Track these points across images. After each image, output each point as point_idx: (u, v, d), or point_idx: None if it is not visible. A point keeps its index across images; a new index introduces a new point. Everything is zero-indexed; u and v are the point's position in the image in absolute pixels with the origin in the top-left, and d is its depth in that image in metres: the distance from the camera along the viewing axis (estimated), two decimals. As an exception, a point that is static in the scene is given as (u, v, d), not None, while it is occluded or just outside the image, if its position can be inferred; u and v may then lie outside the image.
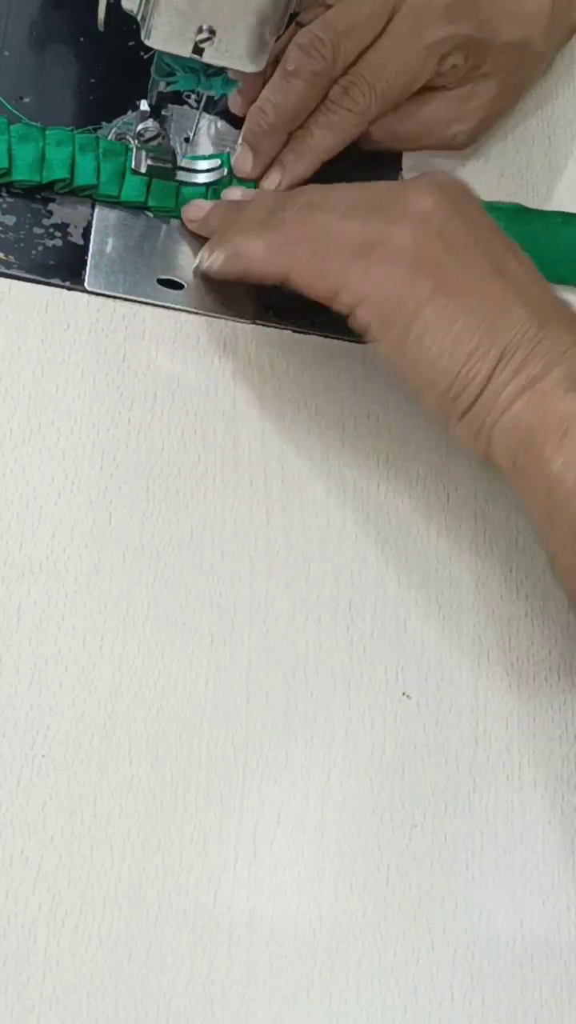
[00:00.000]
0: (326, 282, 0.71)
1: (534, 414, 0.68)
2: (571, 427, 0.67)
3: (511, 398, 0.69)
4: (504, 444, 0.69)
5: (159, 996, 0.63)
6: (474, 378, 0.69)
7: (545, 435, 0.68)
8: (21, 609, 0.69)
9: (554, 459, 0.67)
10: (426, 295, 0.69)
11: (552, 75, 0.91)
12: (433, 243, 0.70)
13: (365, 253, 0.70)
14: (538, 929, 0.67)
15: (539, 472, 0.68)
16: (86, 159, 0.79)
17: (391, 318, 0.70)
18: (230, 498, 0.74)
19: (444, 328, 0.69)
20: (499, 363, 0.69)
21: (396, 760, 0.69)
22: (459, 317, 0.69)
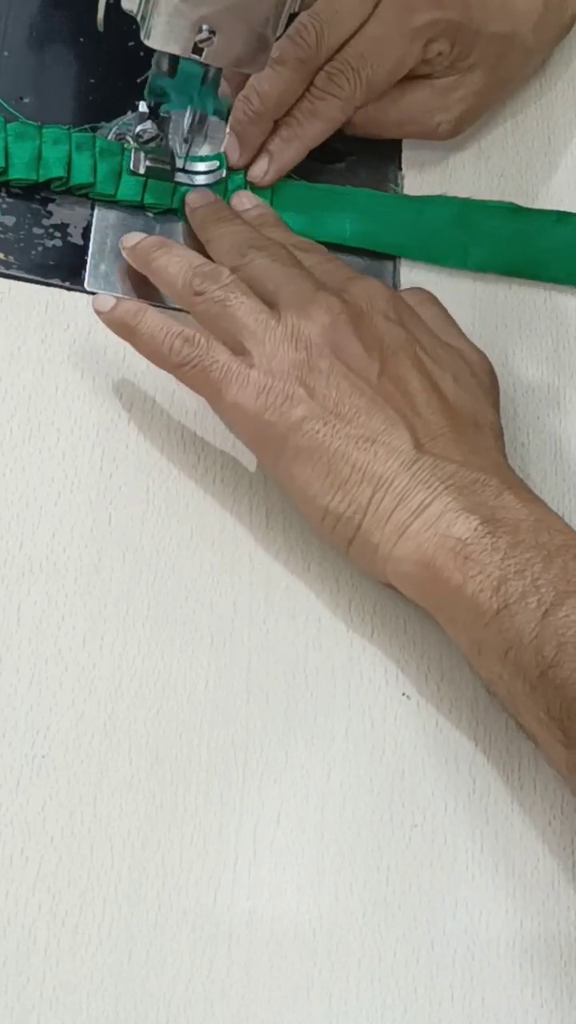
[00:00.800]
0: (204, 391, 0.72)
1: (428, 545, 0.67)
2: (473, 553, 0.65)
3: (398, 531, 0.68)
4: (405, 577, 0.69)
5: (159, 996, 0.63)
6: (347, 508, 0.68)
7: (447, 564, 0.66)
8: (21, 609, 0.69)
9: (466, 587, 0.66)
10: (297, 419, 0.69)
11: (551, 75, 0.91)
12: (314, 365, 0.69)
13: (246, 365, 0.70)
14: (538, 929, 0.67)
15: (454, 603, 0.67)
16: (83, 157, 0.79)
17: (261, 441, 0.71)
18: (230, 498, 0.74)
19: (314, 456, 0.69)
20: (374, 496, 0.68)
21: (396, 760, 0.69)
22: (331, 446, 0.68)
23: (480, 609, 0.65)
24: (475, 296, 0.82)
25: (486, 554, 0.65)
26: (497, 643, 0.65)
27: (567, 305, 0.83)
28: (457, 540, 0.66)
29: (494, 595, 0.65)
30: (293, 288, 0.72)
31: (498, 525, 0.66)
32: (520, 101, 0.90)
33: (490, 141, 0.88)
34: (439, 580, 0.66)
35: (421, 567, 0.67)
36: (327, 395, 0.69)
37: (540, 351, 0.82)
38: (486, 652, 0.66)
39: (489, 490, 0.67)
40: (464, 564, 0.66)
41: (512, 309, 0.82)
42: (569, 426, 0.79)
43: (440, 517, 0.67)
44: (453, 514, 0.67)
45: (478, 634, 0.66)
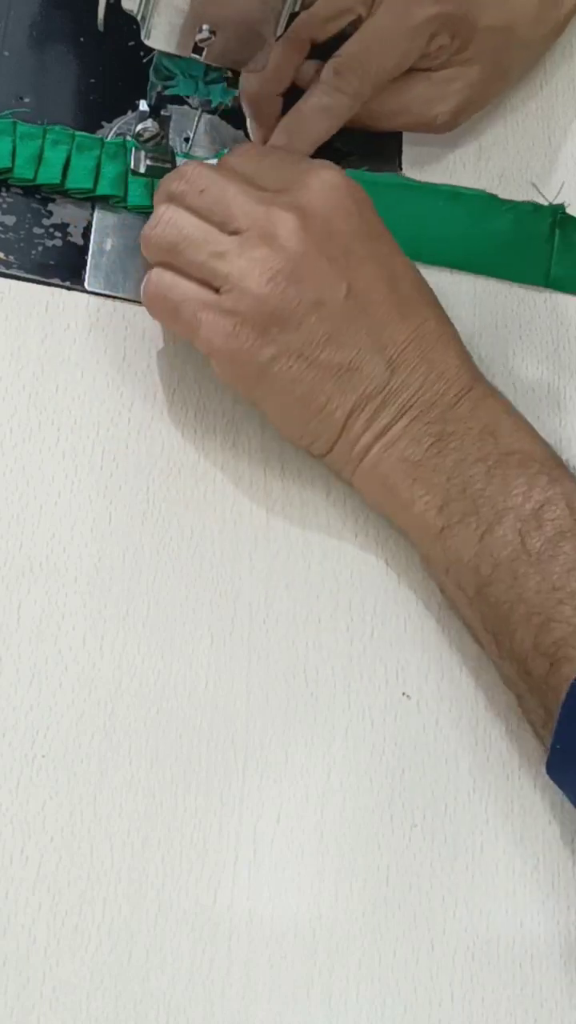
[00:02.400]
0: (181, 329, 0.72)
1: (386, 463, 0.71)
2: (421, 474, 0.69)
3: (365, 448, 0.71)
4: (366, 489, 0.73)
5: (159, 996, 0.63)
6: (322, 434, 0.72)
7: (400, 483, 0.70)
8: (21, 609, 0.69)
9: (413, 505, 0.70)
10: (270, 355, 0.70)
11: (551, 75, 0.91)
12: (284, 295, 0.69)
13: (215, 300, 0.70)
14: (538, 929, 0.67)
15: (405, 517, 0.71)
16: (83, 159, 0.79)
17: (237, 376, 0.71)
18: (230, 498, 0.74)
19: (289, 389, 0.70)
20: (348, 420, 0.71)
21: (396, 760, 0.69)
22: (307, 376, 0.70)
23: (427, 527, 0.70)
24: (475, 296, 0.82)
25: (433, 475, 0.69)
26: (441, 559, 0.70)
27: (567, 305, 0.83)
28: (410, 462, 0.70)
29: (438, 515, 0.69)
30: (245, 209, 0.71)
31: (448, 441, 0.70)
32: (520, 101, 0.90)
33: (490, 141, 0.88)
34: (394, 497, 0.71)
35: (379, 485, 0.71)
36: (298, 327, 0.69)
37: (540, 351, 0.82)
38: (433, 565, 0.71)
39: (447, 399, 0.70)
40: (413, 485, 0.70)
41: (512, 309, 0.82)
42: (569, 426, 0.79)
43: (399, 439, 0.70)
44: (410, 436, 0.70)
45: (425, 549, 0.71)
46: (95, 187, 0.79)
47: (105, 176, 0.79)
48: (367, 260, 0.71)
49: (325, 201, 0.71)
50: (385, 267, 0.72)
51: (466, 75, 0.83)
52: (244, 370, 0.70)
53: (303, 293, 0.70)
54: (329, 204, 0.71)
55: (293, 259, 0.70)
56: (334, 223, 0.71)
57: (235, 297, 0.69)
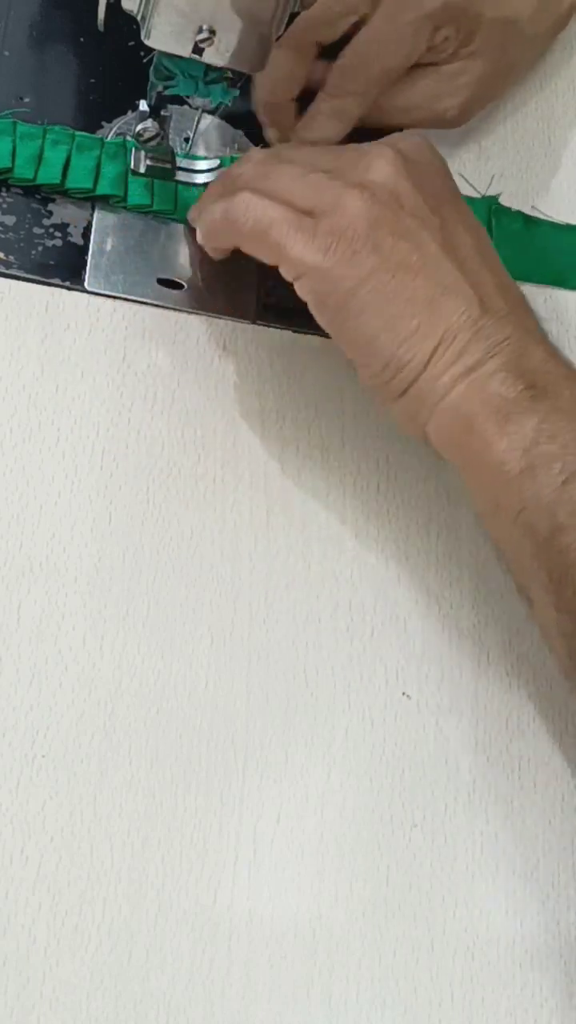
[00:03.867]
0: (268, 253, 0.71)
1: (474, 400, 0.68)
2: (512, 412, 0.67)
3: (449, 384, 0.68)
4: (443, 430, 0.69)
5: (159, 996, 0.63)
6: (410, 361, 0.69)
7: (486, 420, 0.67)
8: (21, 609, 0.69)
9: (496, 443, 0.67)
10: (366, 272, 0.68)
11: (552, 75, 0.91)
12: (381, 217, 0.69)
13: (309, 224, 0.69)
14: (538, 929, 0.67)
15: (482, 458, 0.68)
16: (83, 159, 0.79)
17: (328, 295, 0.70)
18: (230, 498, 0.74)
19: (382, 309, 0.69)
20: (438, 348, 0.69)
21: (396, 760, 0.69)
22: (399, 298, 0.69)
23: (506, 467, 0.67)
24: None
25: (525, 416, 0.67)
26: (514, 502, 0.67)
27: (567, 305, 0.83)
28: (502, 399, 0.67)
29: (523, 455, 0.67)
30: (336, 152, 0.72)
31: (542, 391, 0.68)
32: (520, 100, 0.90)
33: (490, 141, 0.88)
34: (475, 434, 0.68)
35: (461, 420, 0.68)
36: (394, 247, 0.69)
37: (540, 351, 0.81)
38: (502, 510, 0.68)
39: (537, 355, 0.69)
40: (502, 421, 0.67)
41: (512, 309, 0.82)
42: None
43: (491, 376, 0.68)
44: (503, 374, 0.68)
45: (498, 491, 0.68)
46: (95, 187, 0.79)
47: (105, 176, 0.79)
48: (456, 207, 0.72)
49: (418, 150, 0.72)
50: (472, 227, 0.72)
51: (473, 68, 0.83)
52: (337, 286, 0.69)
53: (400, 217, 0.69)
54: (421, 154, 0.72)
55: (391, 184, 0.70)
56: (426, 168, 0.72)
57: (330, 218, 0.69)
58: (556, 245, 0.85)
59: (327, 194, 0.70)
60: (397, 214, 0.69)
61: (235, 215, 0.71)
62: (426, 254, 0.69)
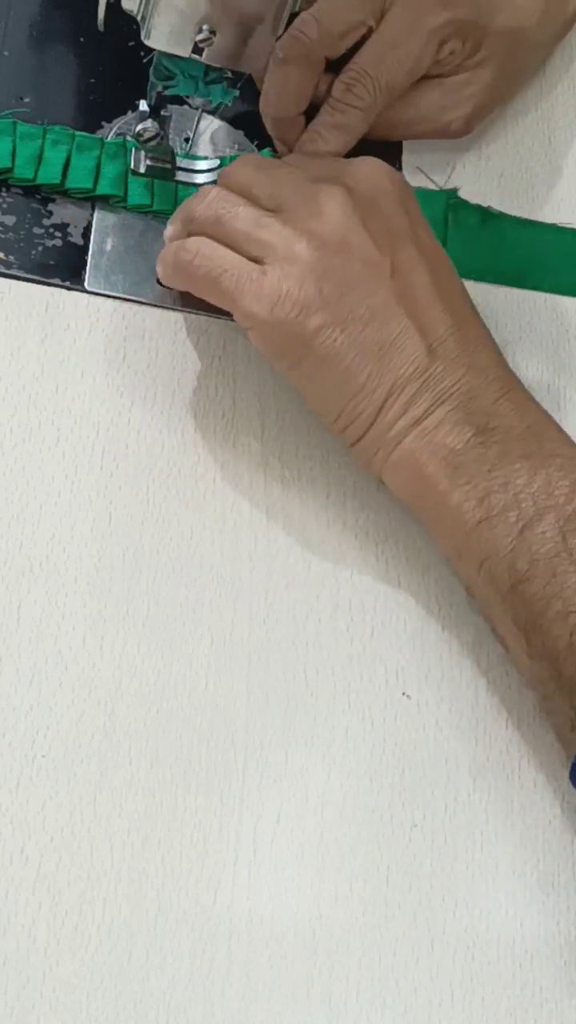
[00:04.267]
0: (221, 300, 0.71)
1: (423, 452, 0.69)
2: (462, 463, 0.68)
3: (399, 435, 0.70)
4: (397, 480, 0.71)
5: (159, 996, 0.63)
6: (360, 414, 0.70)
7: (436, 471, 0.69)
8: (21, 609, 0.69)
9: (450, 496, 0.68)
10: (313, 329, 0.69)
11: (551, 75, 0.91)
12: (328, 269, 0.69)
13: (258, 276, 0.69)
14: (538, 929, 0.67)
15: (438, 510, 0.69)
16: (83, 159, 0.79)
17: (278, 348, 0.70)
18: (230, 498, 0.74)
19: (331, 364, 0.69)
20: (386, 401, 0.70)
21: (396, 760, 0.69)
22: (348, 353, 0.69)
23: (463, 518, 0.68)
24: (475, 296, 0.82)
25: (475, 465, 0.68)
26: (475, 552, 0.68)
27: (567, 305, 0.83)
28: (450, 450, 0.68)
29: (478, 506, 0.68)
30: (291, 187, 0.72)
31: (491, 435, 0.68)
32: (521, 102, 0.90)
33: (490, 142, 0.88)
34: (428, 486, 0.69)
35: (414, 472, 0.69)
36: (341, 300, 0.69)
37: (540, 351, 0.81)
38: (465, 559, 0.69)
39: (488, 395, 0.70)
40: (453, 473, 0.68)
41: (512, 309, 0.82)
42: (569, 426, 0.78)
43: (438, 426, 0.69)
44: (450, 424, 0.69)
45: (459, 541, 0.69)
46: (95, 187, 0.79)
47: (105, 176, 0.79)
48: (410, 243, 0.71)
49: (371, 184, 0.72)
50: (426, 256, 0.72)
51: (479, 79, 0.83)
52: (287, 342, 0.70)
53: (349, 265, 0.69)
54: (375, 187, 0.72)
55: (340, 231, 0.70)
56: (379, 203, 0.71)
57: (280, 267, 0.69)
58: (516, 241, 0.84)
59: (277, 244, 0.69)
60: (346, 263, 0.69)
61: (185, 260, 0.71)
62: (374, 305, 0.69)
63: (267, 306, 0.69)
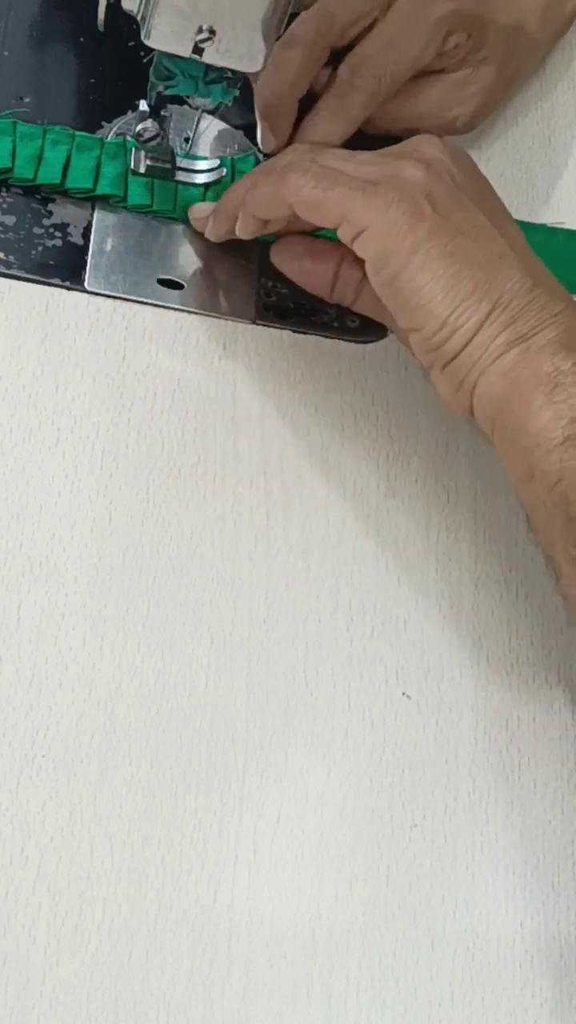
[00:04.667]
0: (329, 212, 0.71)
1: (523, 368, 0.68)
2: (562, 382, 0.67)
3: (501, 350, 0.68)
4: (488, 395, 0.69)
5: (159, 996, 0.63)
6: (463, 324, 0.69)
7: (534, 388, 0.67)
8: (21, 609, 0.69)
9: (542, 411, 0.67)
10: (427, 232, 0.69)
11: (551, 75, 0.91)
12: (441, 183, 0.71)
13: (371, 186, 0.70)
14: (538, 929, 0.67)
15: (524, 425, 0.68)
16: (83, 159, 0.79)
17: (388, 253, 0.70)
18: (230, 498, 0.74)
19: (440, 269, 0.69)
20: (491, 313, 0.69)
21: (396, 760, 0.69)
22: (457, 260, 0.69)
23: (548, 435, 0.67)
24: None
25: (575, 387, 0.67)
26: (551, 471, 0.67)
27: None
28: (556, 369, 0.67)
29: (569, 425, 0.66)
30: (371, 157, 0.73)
31: None
32: (521, 102, 0.90)
33: (491, 142, 0.88)
34: (521, 400, 0.68)
35: (509, 385, 0.68)
36: (451, 212, 0.70)
37: (540, 351, 0.81)
38: (538, 478, 0.67)
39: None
40: (551, 390, 0.67)
41: (512, 309, 0.82)
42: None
43: (543, 348, 0.68)
44: (552, 348, 0.68)
45: (536, 459, 0.67)
46: (95, 187, 0.79)
47: (105, 176, 0.79)
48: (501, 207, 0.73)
49: (458, 152, 0.74)
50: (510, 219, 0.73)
51: (482, 77, 0.83)
52: (399, 244, 0.69)
53: (452, 190, 0.71)
54: (462, 156, 0.74)
55: (444, 163, 0.72)
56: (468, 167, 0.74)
57: (391, 183, 0.70)
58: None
59: (385, 166, 0.71)
60: (452, 187, 0.71)
61: (294, 183, 0.71)
62: (480, 224, 0.70)
63: (381, 210, 0.69)
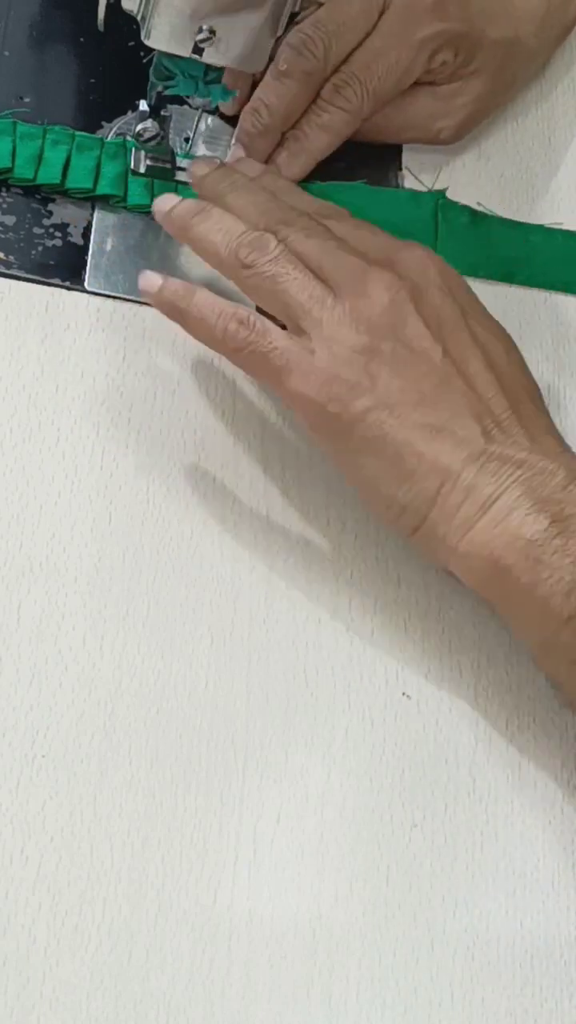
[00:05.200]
0: (262, 374, 0.69)
1: (497, 543, 0.65)
2: (542, 556, 0.64)
3: (466, 525, 0.66)
4: (471, 572, 0.67)
5: (159, 996, 0.63)
6: (412, 501, 0.67)
7: (516, 565, 0.64)
8: (21, 609, 0.69)
9: (535, 589, 0.64)
10: (361, 411, 0.67)
11: (551, 76, 0.91)
12: (378, 350, 0.67)
13: (307, 351, 0.67)
14: (538, 929, 0.67)
15: (522, 604, 0.65)
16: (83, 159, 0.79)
17: (326, 430, 0.68)
18: (230, 498, 0.74)
19: (379, 450, 0.67)
20: (442, 486, 0.66)
21: (396, 760, 0.69)
22: (396, 437, 0.66)
23: (551, 613, 0.64)
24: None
25: (557, 557, 0.64)
26: (569, 647, 0.64)
27: (567, 305, 0.83)
28: (527, 541, 0.64)
29: (565, 601, 0.64)
30: (342, 264, 0.69)
31: (568, 523, 0.64)
32: (521, 103, 0.90)
33: (490, 142, 0.88)
34: (508, 579, 0.65)
35: (489, 564, 0.65)
36: (391, 382, 0.67)
37: (540, 351, 0.82)
38: (555, 654, 0.66)
39: (556, 480, 0.65)
40: (535, 566, 0.64)
41: (512, 309, 0.82)
42: (569, 426, 0.79)
43: (509, 515, 0.65)
44: (522, 511, 0.65)
45: (547, 636, 0.65)
46: (95, 187, 0.79)
47: (105, 176, 0.79)
48: (462, 330, 0.69)
49: (420, 272, 0.70)
50: (480, 342, 0.69)
51: (471, 89, 0.83)
52: (334, 424, 0.67)
53: (398, 350, 0.67)
54: (424, 275, 0.70)
55: (389, 315, 0.68)
56: (429, 292, 0.69)
57: (327, 347, 0.67)
58: (503, 240, 0.84)
59: (325, 322, 0.67)
60: (395, 347, 0.67)
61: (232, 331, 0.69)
62: (424, 388, 0.67)
63: (315, 386, 0.67)
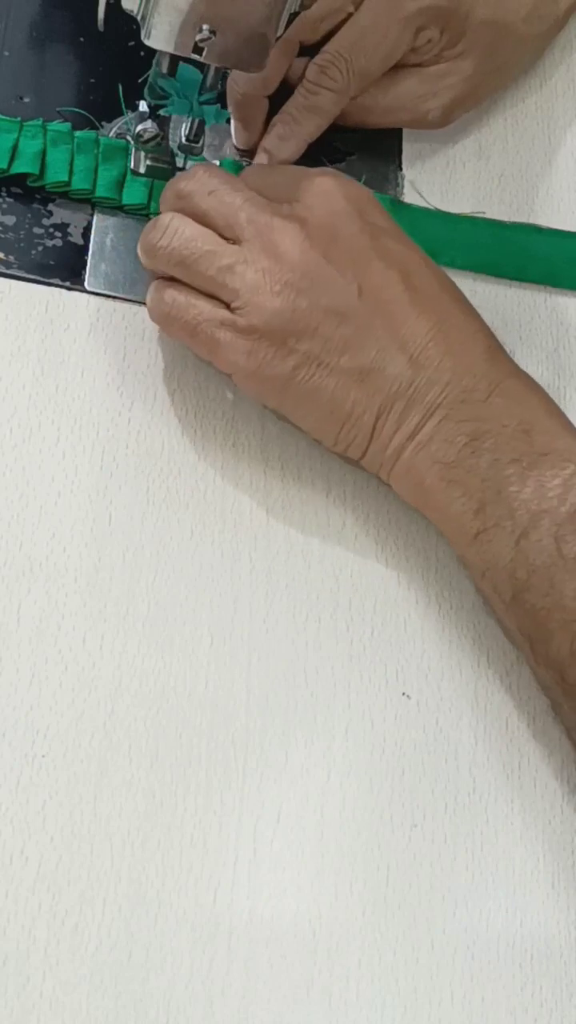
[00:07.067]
0: (200, 349, 0.72)
1: (419, 467, 0.70)
2: (455, 476, 0.69)
3: (396, 452, 0.71)
4: (402, 493, 0.72)
5: (159, 996, 0.63)
6: (354, 438, 0.71)
7: (433, 486, 0.69)
8: (21, 609, 0.69)
9: (448, 508, 0.69)
10: (290, 369, 0.70)
11: (551, 75, 0.91)
12: (294, 307, 0.69)
13: (230, 320, 0.70)
14: (538, 929, 0.67)
15: (441, 521, 0.71)
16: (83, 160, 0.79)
17: (264, 392, 0.72)
18: (230, 498, 0.74)
19: (315, 399, 0.70)
20: (377, 421, 0.70)
21: (396, 760, 0.69)
22: (328, 386, 0.70)
23: (463, 530, 0.69)
24: (474, 296, 0.82)
25: (468, 476, 0.68)
26: (477, 563, 0.69)
27: (567, 305, 0.83)
28: (443, 464, 0.69)
29: (474, 518, 0.68)
30: (248, 219, 0.71)
31: (481, 441, 0.69)
32: (520, 101, 0.90)
33: (490, 141, 0.88)
34: (429, 499, 0.70)
35: (414, 487, 0.71)
36: (314, 336, 0.70)
37: (540, 351, 0.82)
38: (470, 568, 0.71)
39: (478, 393, 0.69)
40: (448, 487, 0.69)
41: (512, 309, 0.82)
42: (569, 426, 0.79)
43: (431, 440, 0.69)
44: (442, 436, 0.69)
45: (462, 551, 0.71)
46: (94, 188, 0.79)
47: (103, 178, 0.79)
48: (375, 259, 0.71)
49: (324, 208, 0.71)
50: (396, 263, 0.71)
51: (458, 70, 0.83)
52: (268, 384, 0.71)
53: (314, 301, 0.70)
54: (329, 210, 0.71)
55: (299, 268, 0.70)
56: (336, 228, 0.71)
57: (249, 313, 0.69)
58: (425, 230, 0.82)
59: (241, 289, 0.70)
60: (312, 299, 0.70)
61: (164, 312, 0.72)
62: (346, 333, 0.70)
63: (243, 354, 0.70)
